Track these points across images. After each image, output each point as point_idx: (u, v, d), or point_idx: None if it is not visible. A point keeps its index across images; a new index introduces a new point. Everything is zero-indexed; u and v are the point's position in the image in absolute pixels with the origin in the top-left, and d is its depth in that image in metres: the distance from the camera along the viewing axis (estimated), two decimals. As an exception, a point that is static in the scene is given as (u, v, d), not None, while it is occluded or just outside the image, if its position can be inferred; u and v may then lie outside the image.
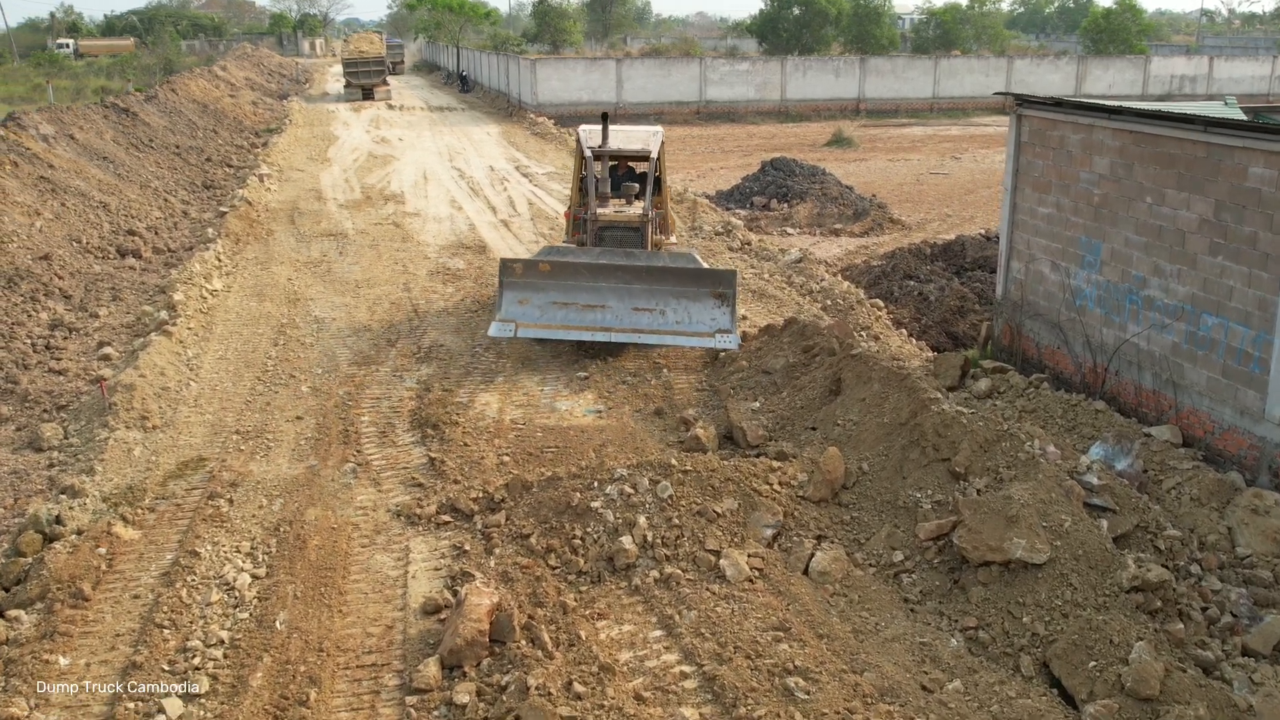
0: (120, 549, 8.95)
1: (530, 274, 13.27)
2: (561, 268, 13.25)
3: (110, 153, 27.11)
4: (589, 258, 13.39)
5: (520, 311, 13.29)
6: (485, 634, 7.26)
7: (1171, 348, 10.80)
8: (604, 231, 14.06)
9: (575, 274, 13.25)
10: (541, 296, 13.35)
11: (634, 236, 14.07)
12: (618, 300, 13.33)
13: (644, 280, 13.30)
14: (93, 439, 11.15)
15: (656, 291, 13.29)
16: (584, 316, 13.26)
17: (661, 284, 13.28)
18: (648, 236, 14.10)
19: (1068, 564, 7.58)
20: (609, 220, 14.06)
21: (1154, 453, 10.23)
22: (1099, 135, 11.68)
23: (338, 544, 9.00)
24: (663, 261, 13.56)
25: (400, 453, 10.98)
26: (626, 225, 14.08)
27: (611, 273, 13.25)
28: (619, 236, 14.06)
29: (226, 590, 8.27)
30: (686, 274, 13.30)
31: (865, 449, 9.41)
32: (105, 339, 15.00)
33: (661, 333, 13.18)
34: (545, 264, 13.23)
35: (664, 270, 13.30)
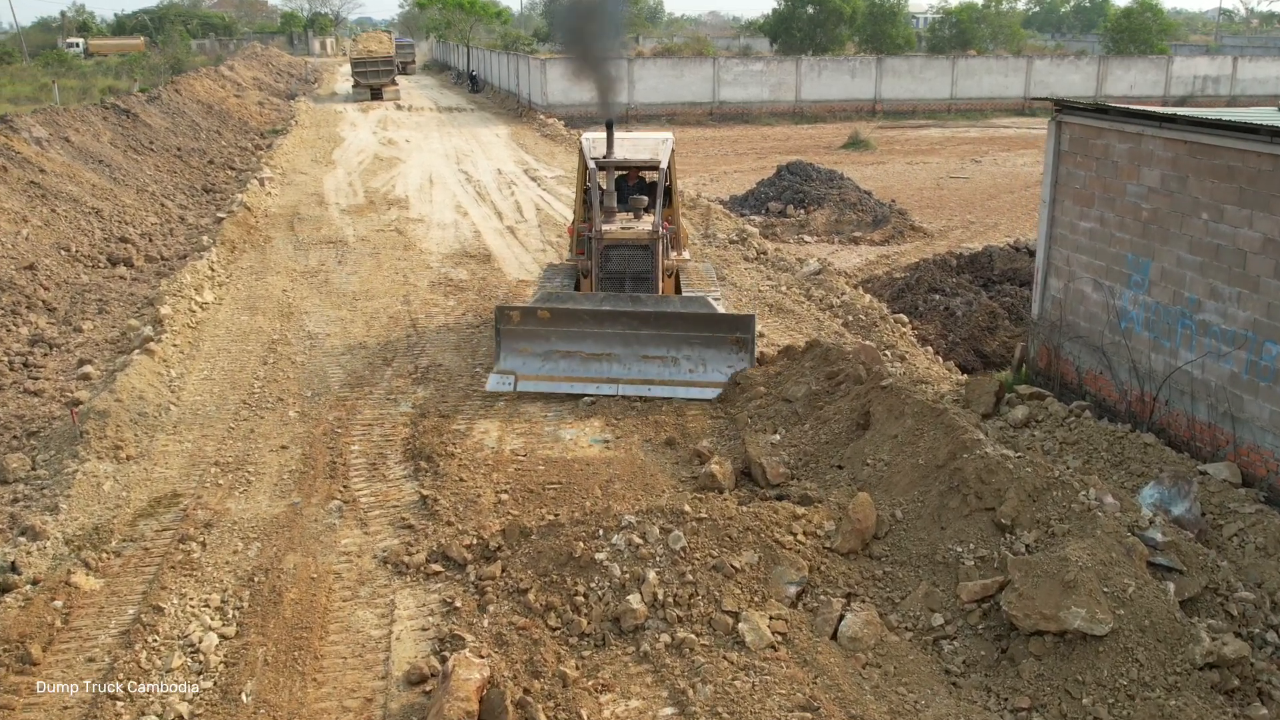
0: (78, 602, 8.13)
1: (529, 322, 12.24)
2: (562, 314, 12.18)
3: (107, 155, 26.37)
4: (592, 303, 12.29)
5: (519, 363, 12.37)
6: (474, 715, 6.42)
7: (1230, 378, 9.90)
8: (610, 251, 12.85)
9: (578, 320, 12.18)
10: (542, 345, 12.36)
11: (643, 256, 12.88)
12: (625, 347, 12.28)
13: (653, 326, 12.21)
14: (61, 471, 10.35)
15: (668, 338, 12.23)
16: (589, 367, 12.27)
17: (673, 329, 12.22)
18: (658, 256, 12.92)
19: (1133, 636, 6.70)
20: (615, 239, 12.84)
21: (1211, 493, 9.33)
22: (1148, 145, 10.78)
23: (316, 598, 8.17)
24: (673, 307, 12.44)
25: (390, 488, 10.14)
26: (634, 244, 12.86)
27: (617, 319, 12.17)
28: (626, 257, 12.89)
29: (190, 653, 7.44)
30: (700, 319, 12.19)
31: (898, 494, 8.54)
32: (87, 356, 14.22)
33: (675, 383, 12.12)
34: (545, 311, 12.15)
35: (676, 315, 12.22)
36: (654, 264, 12.88)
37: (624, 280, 12.86)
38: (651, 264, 12.88)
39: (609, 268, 12.86)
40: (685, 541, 7.92)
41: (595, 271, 12.87)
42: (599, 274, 12.85)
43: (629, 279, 12.87)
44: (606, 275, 12.86)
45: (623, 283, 12.86)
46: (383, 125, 43.36)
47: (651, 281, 12.88)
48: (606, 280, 12.86)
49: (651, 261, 12.87)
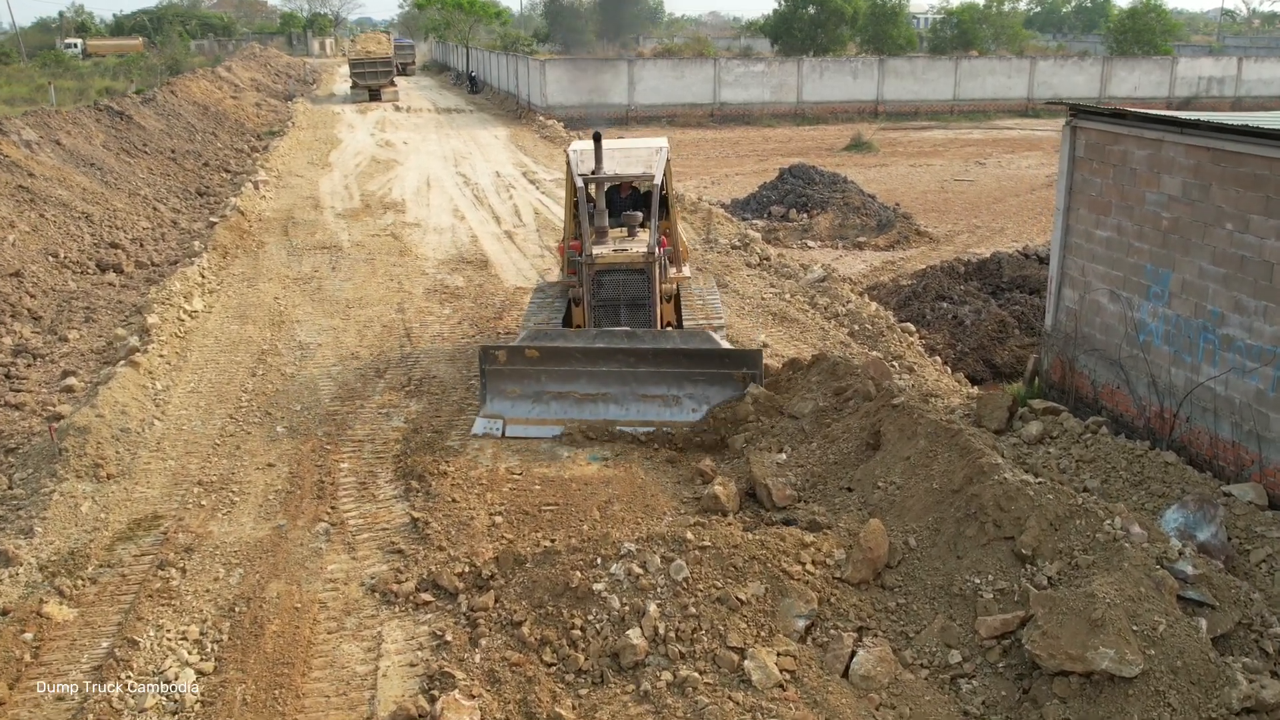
0: (50, 634, 7.73)
1: (517, 361, 11.21)
2: (553, 353, 11.18)
3: (99, 159, 25.97)
4: (584, 341, 11.29)
5: (507, 405, 11.34)
6: (463, 763, 6.01)
7: (1255, 394, 9.50)
8: (602, 277, 11.74)
9: (569, 359, 11.18)
10: (532, 386, 11.31)
11: (638, 281, 11.76)
12: (622, 386, 11.24)
13: (652, 363, 11.14)
14: (38, 491, 9.94)
15: (668, 375, 11.17)
16: (583, 408, 11.24)
17: (674, 366, 11.15)
18: (654, 280, 11.82)
19: (1164, 678, 6.30)
20: (607, 263, 11.68)
21: (1236, 516, 8.93)
22: (1169, 151, 10.37)
23: (300, 630, 7.76)
24: (673, 343, 11.34)
25: (380, 509, 9.74)
26: (629, 268, 11.73)
27: (613, 356, 11.14)
28: (620, 282, 11.77)
29: (165, 692, 7.03)
30: (704, 355, 11.12)
31: (911, 519, 8.13)
32: (71, 366, 13.82)
33: (677, 425, 11.10)
34: (533, 350, 11.16)
35: (676, 352, 11.15)
36: (650, 289, 11.82)
37: (618, 307, 11.84)
38: (648, 289, 11.82)
39: (601, 294, 11.80)
40: (688, 571, 7.52)
41: (587, 298, 11.86)
42: (591, 301, 11.83)
43: (624, 306, 11.83)
44: (599, 303, 11.82)
45: (617, 310, 11.84)
46: (380, 127, 42.97)
47: (648, 308, 11.86)
48: (599, 308, 11.83)
49: (648, 286, 11.81)
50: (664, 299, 12.25)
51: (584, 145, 13.04)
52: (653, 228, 11.94)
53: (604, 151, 12.33)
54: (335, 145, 36.90)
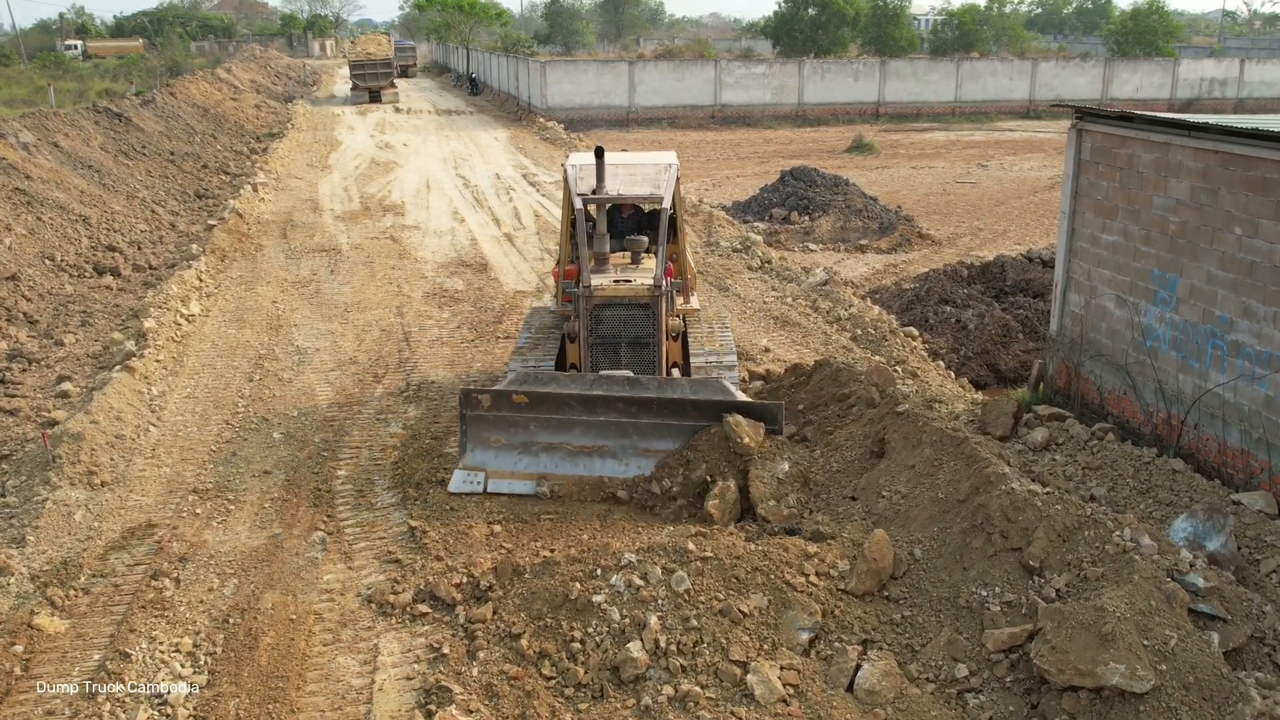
0: (41, 646, 7.60)
1: (502, 407, 9.80)
2: (544, 399, 9.72)
3: (97, 161, 25.85)
4: (580, 387, 9.78)
5: (490, 456, 9.90)
6: (460, 781, 5.88)
7: (1265, 401, 9.36)
8: (601, 311, 10.45)
9: (563, 407, 9.75)
10: (519, 435, 9.89)
11: (642, 317, 10.45)
12: (621, 439, 9.80)
13: (657, 414, 9.72)
14: (31, 499, 9.81)
15: (674, 428, 9.73)
16: (576, 463, 9.80)
17: (682, 419, 9.72)
18: (660, 316, 10.47)
19: (1175, 694, 6.17)
20: (607, 296, 10.40)
21: (1245, 525, 8.79)
22: (1176, 155, 10.24)
23: (295, 642, 7.63)
24: (682, 393, 9.84)
25: (378, 518, 9.60)
26: (631, 301, 10.43)
27: (611, 404, 9.72)
28: (621, 317, 10.48)
29: (158, 708, 6.90)
30: (715, 408, 9.64)
31: (916, 529, 8.00)
32: (67, 372, 13.70)
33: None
34: (521, 395, 9.70)
35: (684, 403, 9.69)
36: (655, 326, 10.51)
37: (619, 346, 10.60)
38: (653, 326, 10.51)
39: (600, 330, 10.53)
40: (689, 583, 7.39)
41: (583, 334, 10.58)
42: (588, 338, 10.57)
43: (625, 344, 10.58)
44: (597, 340, 10.57)
45: (618, 349, 10.60)
46: (380, 129, 42.86)
47: (653, 347, 10.58)
48: (598, 346, 10.58)
49: (652, 323, 10.51)
50: (670, 336, 11.01)
51: (583, 159, 11.89)
52: (660, 256, 10.68)
53: (607, 168, 11.34)
54: (335, 147, 36.79)
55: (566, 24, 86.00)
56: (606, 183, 11.29)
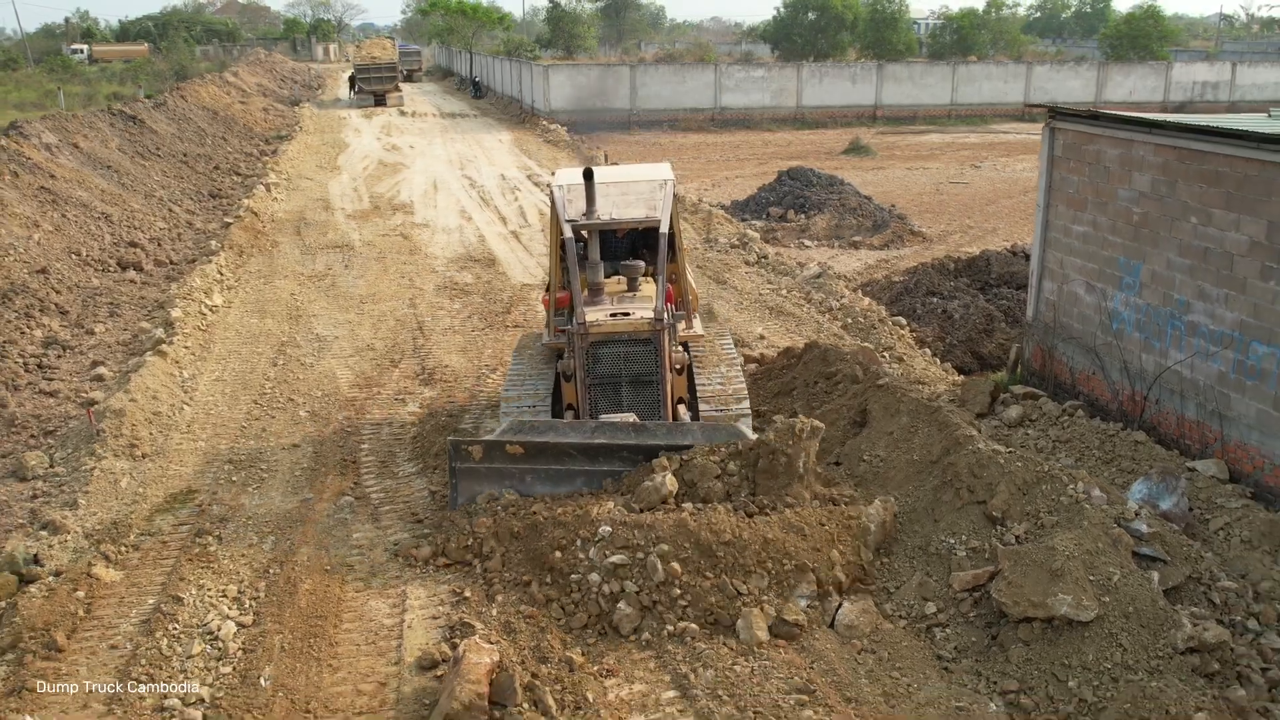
0: (100, 592, 8.40)
1: (496, 458, 9.13)
2: (541, 449, 9.06)
3: (115, 161, 26.66)
4: (580, 435, 9.13)
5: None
6: (484, 696, 6.68)
7: (1218, 377, 10.17)
8: (599, 349, 9.57)
9: (562, 457, 9.07)
10: (514, 487, 9.22)
11: (643, 354, 9.58)
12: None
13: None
14: (79, 468, 10.62)
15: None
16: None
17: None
18: (663, 350, 9.57)
19: (1117, 622, 6.97)
20: (605, 333, 9.53)
21: (1199, 489, 9.62)
22: (1139, 150, 11.06)
23: (330, 588, 8.44)
24: (693, 438, 9.09)
25: (400, 484, 10.42)
26: (632, 337, 9.55)
27: (615, 454, 9.06)
28: (621, 355, 9.59)
29: (210, 641, 7.71)
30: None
31: (894, 488, 8.81)
32: (100, 357, 14.49)
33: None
34: (516, 445, 9.05)
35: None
36: (659, 362, 9.62)
37: (619, 385, 9.73)
38: (656, 363, 9.63)
39: (598, 370, 9.65)
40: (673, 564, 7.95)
41: (580, 375, 9.69)
42: (585, 378, 9.68)
43: (626, 383, 9.72)
44: (596, 380, 9.70)
45: (618, 389, 9.73)
46: (386, 131, 43.67)
47: (656, 385, 9.70)
48: (596, 386, 9.72)
49: (655, 360, 9.62)
50: (674, 369, 9.98)
51: (570, 178, 10.84)
52: (660, 282, 9.70)
53: (598, 188, 10.33)
54: (343, 149, 37.60)
55: (568, 28, 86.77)
56: (598, 205, 10.29)
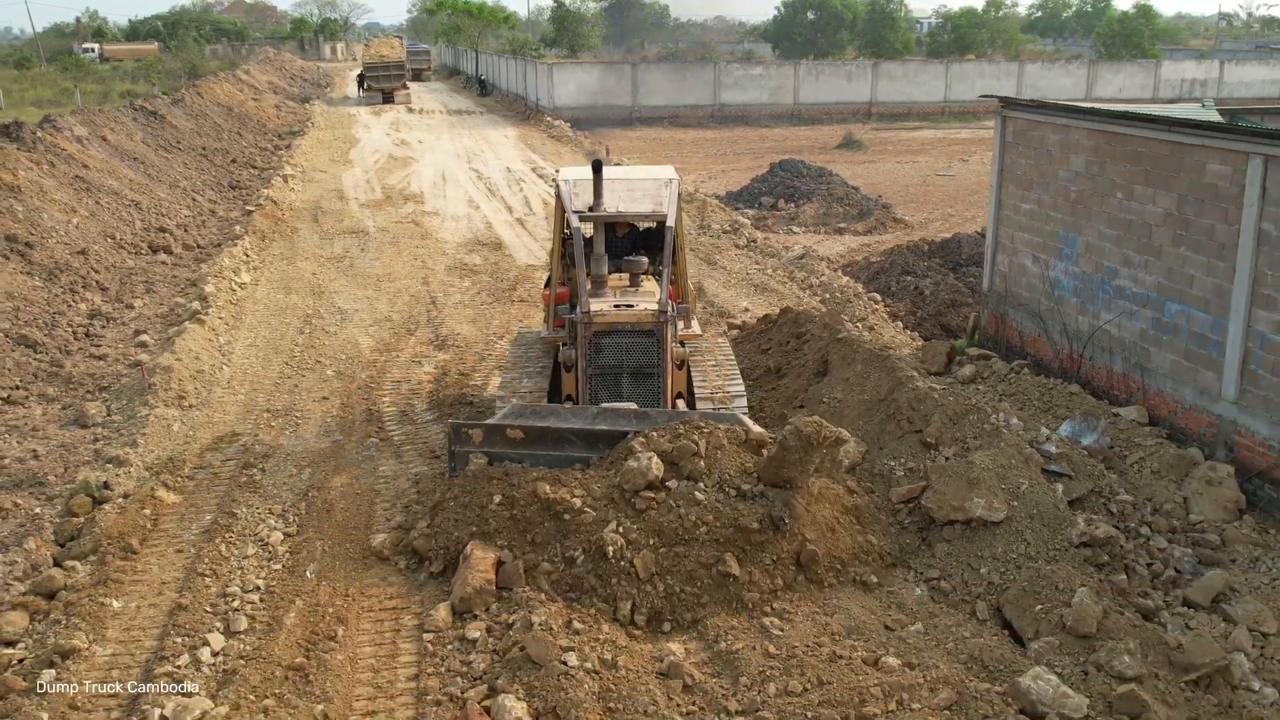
0: (163, 511, 9.79)
1: (496, 442, 9.17)
2: (542, 435, 9.13)
3: (140, 154, 28.08)
4: (581, 420, 9.26)
5: None
6: (492, 582, 8.05)
7: (1140, 334, 11.54)
8: (601, 339, 9.72)
9: (562, 443, 9.15)
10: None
11: (646, 345, 9.75)
12: None
13: None
14: (134, 416, 12.01)
15: None
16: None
17: None
18: (665, 343, 9.73)
19: (1023, 522, 8.34)
20: (609, 323, 9.68)
21: (1121, 430, 10.98)
22: (1075, 135, 12.43)
23: (361, 508, 9.83)
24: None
25: (419, 429, 11.81)
26: (634, 329, 9.71)
27: (616, 440, 9.10)
28: (624, 346, 9.76)
29: (261, 545, 9.10)
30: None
31: (848, 424, 10.18)
32: (141, 328, 15.87)
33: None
34: (516, 430, 9.12)
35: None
36: (660, 354, 9.78)
37: (621, 376, 9.88)
38: (657, 354, 9.78)
39: (600, 360, 9.81)
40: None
41: (581, 364, 9.84)
42: (587, 368, 9.82)
43: (627, 375, 9.88)
44: (597, 370, 9.85)
45: (619, 380, 9.89)
46: (395, 127, 45.06)
47: (657, 377, 9.86)
48: (598, 376, 9.86)
49: (657, 351, 9.78)
50: (675, 363, 10.12)
51: (576, 173, 11.11)
52: (664, 278, 9.84)
53: (604, 183, 10.38)
54: (354, 144, 39.00)
55: (572, 27, 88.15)
56: (605, 199, 10.37)
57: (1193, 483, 9.88)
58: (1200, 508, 9.63)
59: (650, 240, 11.44)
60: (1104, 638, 7.22)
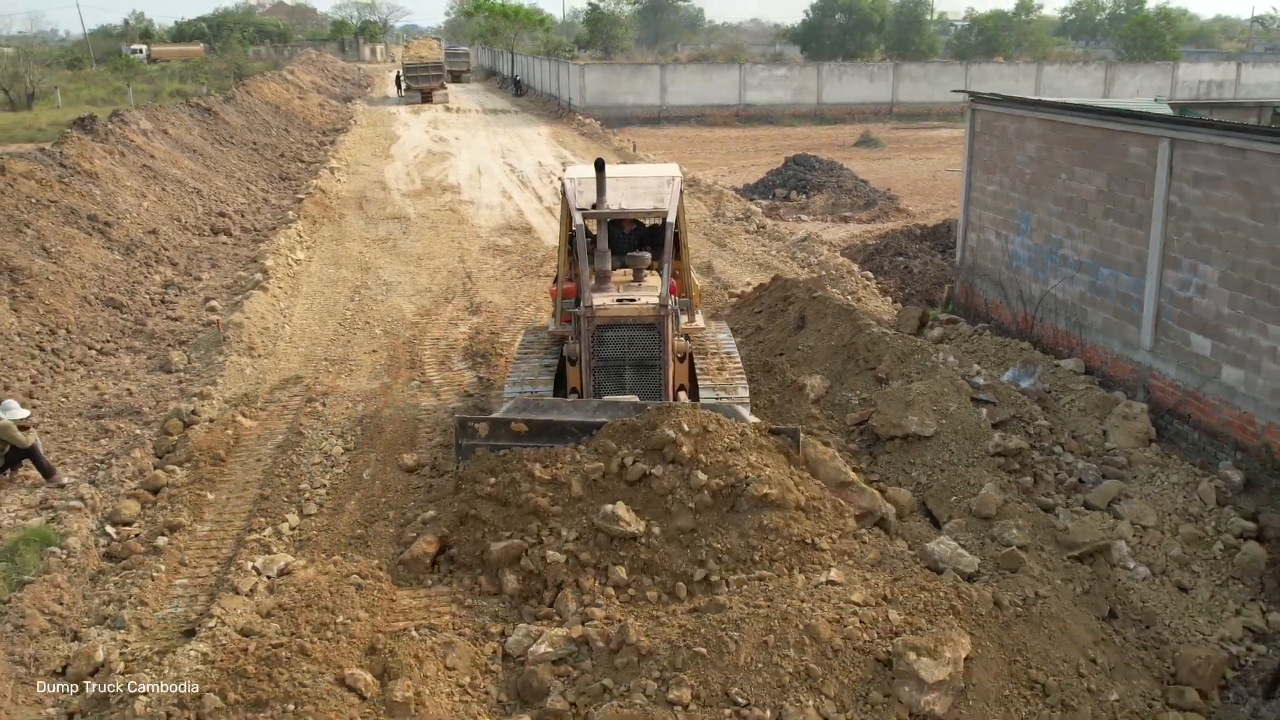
0: (243, 432, 11.77)
1: (500, 435, 9.46)
2: (545, 427, 9.40)
3: (198, 146, 30.28)
4: (582, 413, 9.48)
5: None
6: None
7: (1079, 296, 13.29)
8: (604, 332, 9.94)
9: (564, 435, 9.35)
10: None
11: (647, 338, 9.98)
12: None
13: None
14: (211, 363, 14.01)
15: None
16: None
17: None
18: (666, 337, 9.95)
19: (949, 436, 10.15)
20: (611, 317, 9.93)
21: (1059, 378, 12.72)
22: (1029, 124, 14.19)
23: (406, 431, 11.77)
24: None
25: (455, 375, 13.75)
26: (636, 322, 9.94)
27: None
28: (626, 339, 9.98)
29: (325, 456, 11.07)
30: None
31: (817, 365, 12.02)
32: (209, 296, 17.91)
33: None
34: (520, 423, 9.42)
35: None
36: (662, 348, 9.99)
37: (623, 369, 10.10)
38: (659, 348, 9.99)
39: (603, 353, 10.03)
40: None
41: (585, 357, 10.07)
42: (590, 361, 10.04)
43: (629, 368, 10.09)
44: (600, 363, 10.06)
45: (621, 372, 10.10)
46: (433, 125, 47.18)
47: (659, 370, 10.06)
48: (601, 369, 10.08)
49: (659, 345, 9.99)
50: (676, 357, 10.36)
51: (581, 172, 11.65)
52: (665, 273, 10.08)
53: (607, 181, 10.88)
54: (394, 140, 41.13)
55: (607, 30, 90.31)
56: (608, 196, 10.84)
57: (1112, 418, 11.61)
58: (1115, 438, 11.36)
59: (655, 237, 11.47)
60: (1001, 518, 9.02)
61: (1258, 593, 9.20)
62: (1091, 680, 7.43)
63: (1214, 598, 9.06)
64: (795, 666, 7.02)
